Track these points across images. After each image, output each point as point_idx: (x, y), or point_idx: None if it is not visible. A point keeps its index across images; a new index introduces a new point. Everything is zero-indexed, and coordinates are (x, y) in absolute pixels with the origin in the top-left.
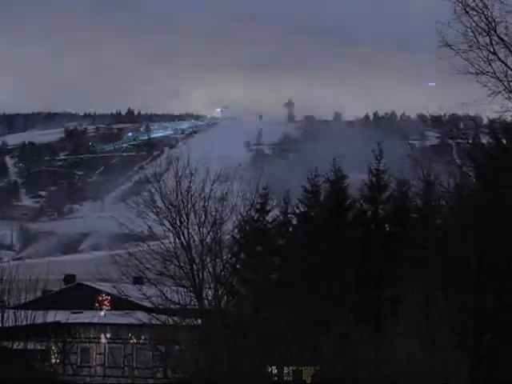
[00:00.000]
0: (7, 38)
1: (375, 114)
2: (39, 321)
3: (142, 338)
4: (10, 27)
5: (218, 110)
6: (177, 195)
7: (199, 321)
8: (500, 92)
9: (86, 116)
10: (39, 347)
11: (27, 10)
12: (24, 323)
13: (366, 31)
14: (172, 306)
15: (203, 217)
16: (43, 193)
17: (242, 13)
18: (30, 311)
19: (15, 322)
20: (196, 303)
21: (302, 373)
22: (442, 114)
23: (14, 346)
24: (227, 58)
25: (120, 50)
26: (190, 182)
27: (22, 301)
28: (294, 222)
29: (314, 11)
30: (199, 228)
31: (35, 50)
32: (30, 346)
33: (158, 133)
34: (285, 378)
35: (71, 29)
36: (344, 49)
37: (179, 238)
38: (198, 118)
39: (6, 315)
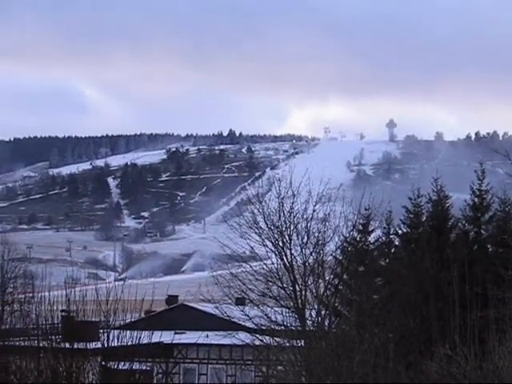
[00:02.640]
0: (109, 60)
1: (477, 134)
2: (144, 341)
3: (245, 358)
4: (112, 50)
5: (320, 130)
6: (279, 216)
7: (302, 342)
8: None
9: (188, 137)
10: (144, 367)
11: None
12: (129, 343)
13: (467, 52)
14: (274, 327)
15: (306, 238)
16: (145, 214)
17: (343, 32)
18: (135, 332)
19: (120, 341)
20: (299, 324)
21: None
22: None
23: (119, 367)
24: (328, 78)
25: (222, 71)
26: (293, 202)
27: (127, 321)
28: (397, 242)
29: (415, 32)
30: (302, 249)
31: (138, 71)
32: (136, 366)
33: (259, 154)
34: None
35: (173, 51)
36: (446, 69)
37: (282, 259)
38: (299, 138)
39: (111, 335)
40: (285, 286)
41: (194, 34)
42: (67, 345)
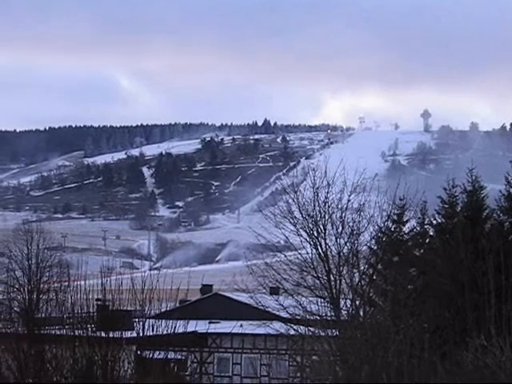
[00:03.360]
0: (146, 50)
1: None
2: (179, 330)
3: (279, 348)
4: (149, 40)
5: (354, 120)
6: (314, 206)
7: (336, 332)
8: None
9: (223, 126)
10: (178, 357)
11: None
12: (164, 332)
13: (503, 42)
14: (309, 317)
15: (340, 227)
16: (180, 203)
17: (379, 23)
18: (170, 321)
19: (155, 331)
20: (333, 314)
21: None
22: None
23: (154, 356)
24: (364, 68)
25: (258, 62)
26: (328, 192)
27: (162, 310)
28: (431, 232)
29: (450, 21)
30: (336, 239)
31: (174, 61)
32: (170, 355)
33: (294, 144)
34: None
35: (210, 41)
36: (481, 59)
37: (316, 249)
38: (334, 128)
39: (146, 325)
40: (319, 275)
41: (231, 25)
42: (102, 334)
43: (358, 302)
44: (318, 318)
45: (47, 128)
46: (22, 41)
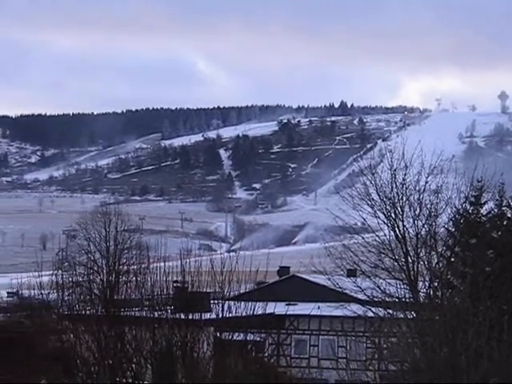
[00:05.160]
0: (223, 32)
1: None
2: (258, 312)
3: (356, 330)
4: (226, 23)
5: (431, 102)
6: (392, 188)
7: (414, 314)
8: None
9: (300, 108)
10: (257, 338)
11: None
12: (243, 314)
13: None
14: (387, 299)
15: (418, 209)
16: (257, 185)
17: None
18: (249, 302)
19: (234, 312)
20: (411, 296)
21: None
22: None
23: (234, 337)
24: (441, 50)
25: (334, 44)
26: (405, 174)
27: (241, 292)
28: (509, 214)
29: None
30: (414, 221)
31: (251, 43)
32: (249, 337)
33: (370, 125)
34: None
35: (287, 24)
36: None
37: (394, 231)
38: (411, 110)
39: (225, 306)
40: (397, 257)
41: (308, 8)
42: (182, 315)
43: (435, 284)
44: (396, 300)
45: (125, 111)
46: (99, 24)
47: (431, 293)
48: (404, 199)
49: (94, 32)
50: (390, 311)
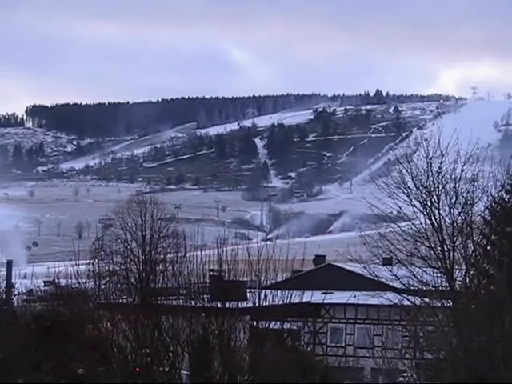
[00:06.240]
0: (258, 21)
1: None
2: (295, 301)
3: (392, 318)
4: (261, 12)
5: (467, 90)
6: (427, 176)
7: (450, 302)
8: None
9: (335, 97)
10: (293, 327)
11: None
12: (279, 303)
13: None
14: (423, 287)
15: (454, 198)
16: (292, 174)
17: None
18: (285, 291)
19: (270, 301)
20: (447, 284)
21: None
22: None
23: (270, 326)
24: (477, 39)
25: (370, 32)
26: (441, 162)
27: (277, 280)
28: None
29: None
30: (450, 209)
31: (286, 32)
32: (285, 325)
33: (406, 114)
34: None
35: (322, 13)
36: None
37: (430, 219)
38: (446, 98)
39: (261, 295)
40: (433, 246)
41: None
42: (218, 304)
43: (472, 273)
44: (433, 288)
45: (160, 100)
46: (136, 13)
47: (467, 281)
48: (440, 187)
49: (129, 21)
50: (426, 300)
